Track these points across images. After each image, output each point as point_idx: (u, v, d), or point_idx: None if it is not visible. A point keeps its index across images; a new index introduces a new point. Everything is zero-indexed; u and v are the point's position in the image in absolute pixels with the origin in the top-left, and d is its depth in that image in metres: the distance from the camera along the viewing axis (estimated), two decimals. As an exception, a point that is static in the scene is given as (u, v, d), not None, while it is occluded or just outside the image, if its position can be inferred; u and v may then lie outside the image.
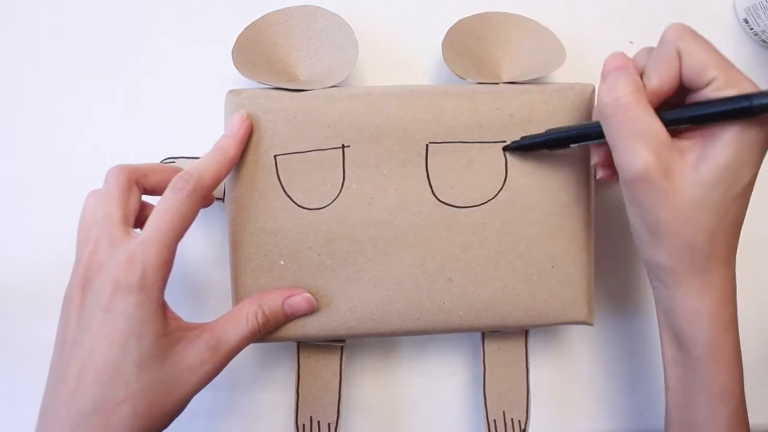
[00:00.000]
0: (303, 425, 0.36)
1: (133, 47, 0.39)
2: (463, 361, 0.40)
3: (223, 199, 0.35)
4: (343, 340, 0.37)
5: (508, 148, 0.35)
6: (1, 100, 0.39)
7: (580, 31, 0.41)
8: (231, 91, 0.35)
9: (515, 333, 0.37)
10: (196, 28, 0.40)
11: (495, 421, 0.37)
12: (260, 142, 0.34)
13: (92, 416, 0.27)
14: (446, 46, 0.36)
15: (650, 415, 0.41)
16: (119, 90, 0.39)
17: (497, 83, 0.36)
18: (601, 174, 0.34)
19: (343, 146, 0.34)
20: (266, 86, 0.35)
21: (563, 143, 0.33)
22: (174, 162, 0.37)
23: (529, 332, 0.38)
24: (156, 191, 0.32)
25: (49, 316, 0.31)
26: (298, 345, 0.37)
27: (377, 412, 0.40)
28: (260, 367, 0.40)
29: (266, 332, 0.34)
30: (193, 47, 0.40)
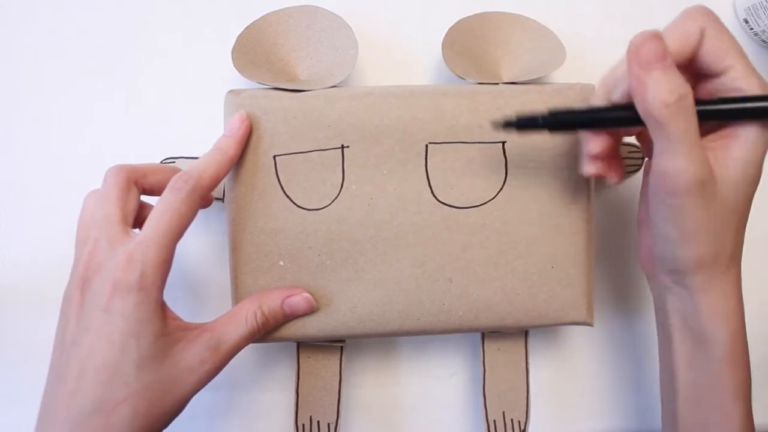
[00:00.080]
0: (303, 425, 0.36)
1: (133, 47, 0.39)
2: (463, 362, 0.40)
3: (223, 200, 0.35)
4: (343, 340, 0.37)
5: (508, 124, 0.32)
6: (1, 100, 0.39)
7: (580, 31, 0.41)
8: (231, 91, 0.35)
9: (515, 333, 0.37)
10: (196, 28, 0.40)
11: (495, 422, 0.37)
12: (260, 143, 0.34)
13: (92, 416, 0.27)
14: (446, 46, 0.36)
15: (650, 415, 0.41)
16: (119, 90, 0.39)
17: (497, 83, 0.35)
18: (592, 169, 0.32)
19: (343, 146, 0.34)
20: (266, 86, 0.35)
21: (570, 126, 0.31)
22: (174, 162, 0.37)
23: (529, 332, 0.38)
24: (155, 191, 0.32)
25: (49, 316, 0.31)
26: (298, 345, 0.37)
27: (377, 412, 0.40)
28: (260, 367, 0.40)
29: (266, 332, 0.34)
30: (193, 47, 0.40)
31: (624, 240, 0.41)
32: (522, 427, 0.37)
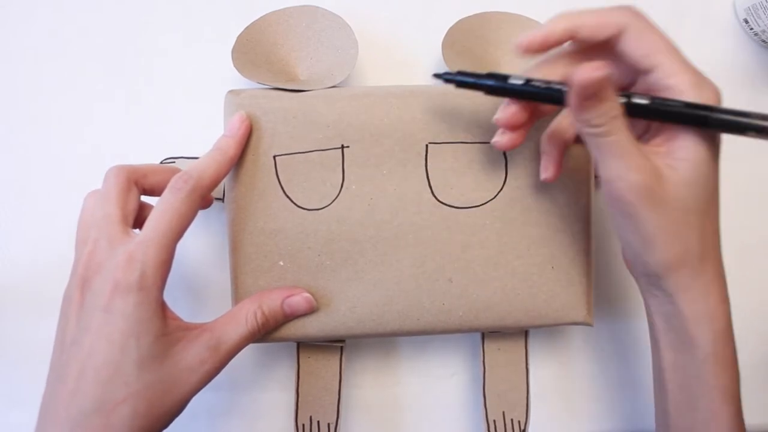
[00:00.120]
0: (303, 425, 0.36)
1: (133, 47, 0.39)
2: (463, 362, 0.40)
3: (223, 200, 0.35)
4: (343, 340, 0.37)
5: (439, 76, 0.32)
6: (1, 100, 0.39)
7: (580, 31, 0.41)
8: (230, 91, 0.35)
9: (515, 333, 0.37)
10: (196, 28, 0.40)
11: (495, 422, 0.37)
12: (260, 143, 0.34)
13: (92, 416, 0.27)
14: (446, 46, 0.36)
15: (650, 415, 0.40)
16: (119, 90, 0.39)
17: (497, 83, 0.35)
18: (502, 140, 0.32)
19: (343, 146, 0.34)
20: (266, 86, 0.35)
21: (503, 93, 0.31)
22: (174, 162, 0.37)
23: (529, 332, 0.38)
24: (155, 191, 0.32)
25: (49, 316, 0.31)
26: (298, 345, 0.37)
27: (377, 412, 0.40)
28: (260, 367, 0.40)
29: (266, 332, 0.34)
30: (193, 47, 0.40)
31: (624, 240, 0.41)
32: (522, 427, 0.37)
